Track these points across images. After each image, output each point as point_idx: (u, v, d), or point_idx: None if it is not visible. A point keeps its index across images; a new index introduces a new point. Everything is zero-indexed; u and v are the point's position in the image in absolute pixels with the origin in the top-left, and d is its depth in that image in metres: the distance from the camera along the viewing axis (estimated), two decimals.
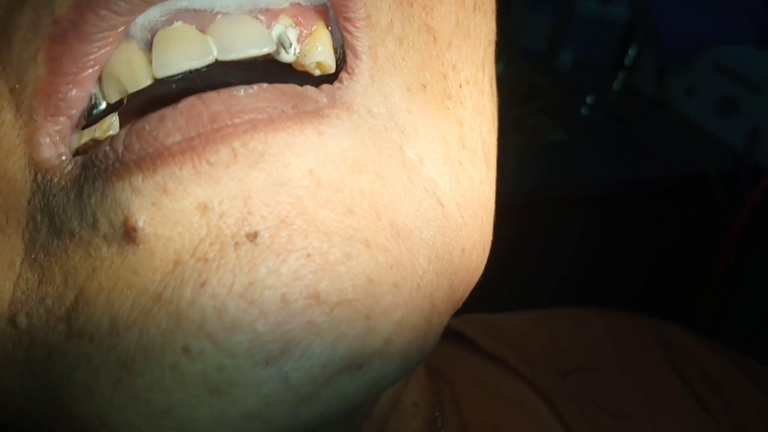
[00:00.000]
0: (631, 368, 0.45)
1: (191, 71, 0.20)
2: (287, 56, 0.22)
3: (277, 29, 0.21)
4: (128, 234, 0.18)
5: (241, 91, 0.19)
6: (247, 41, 0.21)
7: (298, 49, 0.22)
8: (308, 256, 0.18)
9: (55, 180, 0.19)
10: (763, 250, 1.26)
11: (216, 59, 0.20)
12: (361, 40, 0.22)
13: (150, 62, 0.20)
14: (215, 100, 0.19)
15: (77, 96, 0.20)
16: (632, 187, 1.19)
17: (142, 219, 0.18)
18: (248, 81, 0.20)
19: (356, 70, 0.22)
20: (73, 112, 0.20)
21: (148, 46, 0.20)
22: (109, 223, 0.19)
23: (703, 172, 1.19)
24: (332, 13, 0.22)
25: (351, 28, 0.21)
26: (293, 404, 0.19)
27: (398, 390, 0.35)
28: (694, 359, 0.46)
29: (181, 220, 0.18)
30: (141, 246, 0.18)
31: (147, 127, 0.19)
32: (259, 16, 0.21)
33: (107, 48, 0.19)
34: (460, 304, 0.25)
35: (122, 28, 0.19)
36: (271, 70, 0.22)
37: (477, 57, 0.25)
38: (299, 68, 0.22)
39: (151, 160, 0.19)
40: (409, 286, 0.20)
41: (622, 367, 0.45)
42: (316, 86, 0.21)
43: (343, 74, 0.22)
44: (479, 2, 0.25)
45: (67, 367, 0.19)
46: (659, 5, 1.31)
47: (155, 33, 0.20)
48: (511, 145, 1.13)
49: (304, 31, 0.22)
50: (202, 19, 0.21)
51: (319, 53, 0.22)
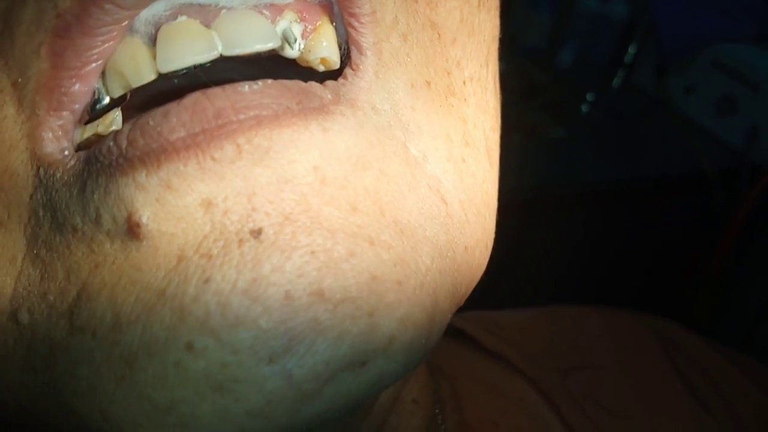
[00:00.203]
0: (631, 366, 0.45)
1: (195, 66, 0.20)
2: (292, 52, 0.22)
3: (282, 25, 0.21)
4: (131, 230, 0.18)
5: (245, 87, 0.19)
6: (252, 36, 0.21)
7: (302, 45, 0.22)
8: (312, 253, 0.18)
9: (58, 175, 0.19)
10: (761, 249, 1.26)
11: (220, 54, 0.20)
12: (366, 37, 0.21)
13: (154, 57, 0.20)
14: (220, 96, 0.19)
15: (80, 90, 0.19)
16: (631, 185, 1.19)
17: (146, 215, 0.18)
18: (252, 76, 0.20)
19: (361, 67, 0.21)
20: (76, 106, 0.20)
21: (152, 40, 0.20)
22: (112, 219, 0.19)
23: (702, 170, 1.19)
24: (337, 8, 0.22)
25: (356, 24, 0.21)
26: (296, 401, 0.19)
27: (398, 387, 0.35)
28: (694, 357, 0.46)
29: (184, 216, 0.18)
30: (144, 242, 0.18)
31: (151, 123, 0.19)
32: (264, 12, 0.21)
33: (111, 42, 0.19)
34: (463, 302, 0.25)
35: (126, 23, 0.19)
36: (275, 65, 0.22)
37: (481, 54, 0.25)
38: (303, 64, 0.22)
39: (155, 155, 0.18)
40: (413, 283, 0.20)
41: (622, 365, 0.45)
42: (320, 82, 0.21)
43: (348, 70, 0.22)
44: None
45: (69, 364, 0.19)
46: (659, 3, 1.32)
47: (159, 28, 0.20)
48: (511, 143, 1.12)
49: (309, 27, 0.22)
50: (206, 14, 0.20)
51: (324, 49, 0.22)
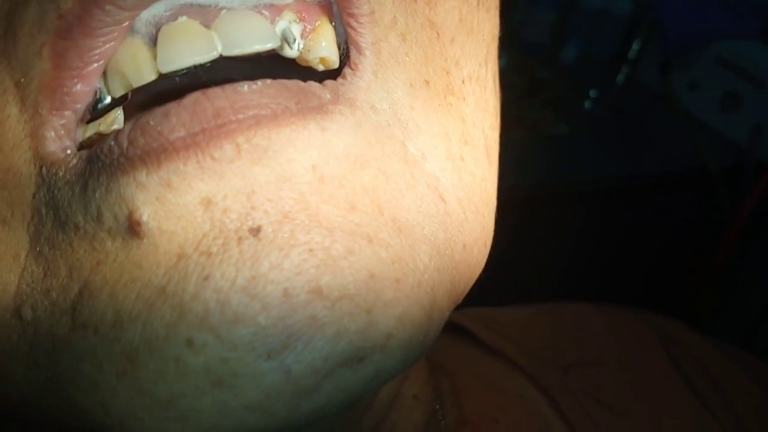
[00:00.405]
0: (632, 364, 0.45)
1: (196, 66, 0.20)
2: (291, 52, 0.22)
3: (281, 25, 0.21)
4: (132, 228, 0.19)
5: (245, 87, 0.19)
6: (252, 37, 0.21)
7: (301, 45, 0.22)
8: (310, 251, 0.19)
9: (60, 174, 0.20)
10: (765, 246, 1.26)
11: (220, 54, 0.21)
12: (365, 36, 0.22)
13: (155, 57, 0.20)
14: (219, 96, 0.19)
15: (82, 90, 0.20)
16: (634, 182, 1.18)
17: (147, 213, 0.18)
18: (252, 76, 0.20)
19: (359, 66, 0.22)
20: (78, 106, 0.20)
21: (153, 41, 0.20)
22: (113, 217, 0.19)
23: (706, 167, 1.19)
24: (336, 8, 0.22)
25: (354, 24, 0.22)
26: (294, 396, 0.19)
27: (398, 383, 0.35)
28: (695, 355, 0.46)
29: (184, 214, 0.18)
30: (145, 240, 0.19)
31: (151, 122, 0.19)
32: (264, 12, 0.21)
33: (112, 43, 0.19)
34: (461, 299, 0.25)
35: (127, 23, 0.19)
36: (275, 65, 0.23)
37: (480, 53, 0.25)
38: (303, 63, 0.22)
39: (156, 155, 0.19)
40: (411, 281, 0.20)
41: (622, 363, 0.45)
42: (319, 82, 0.21)
43: (347, 70, 0.22)
44: None
45: (71, 359, 0.19)
46: None
47: (160, 28, 0.20)
48: (514, 139, 1.12)
49: (308, 27, 0.22)
50: (206, 15, 0.21)
51: (323, 49, 0.22)
